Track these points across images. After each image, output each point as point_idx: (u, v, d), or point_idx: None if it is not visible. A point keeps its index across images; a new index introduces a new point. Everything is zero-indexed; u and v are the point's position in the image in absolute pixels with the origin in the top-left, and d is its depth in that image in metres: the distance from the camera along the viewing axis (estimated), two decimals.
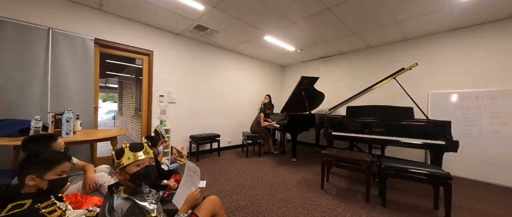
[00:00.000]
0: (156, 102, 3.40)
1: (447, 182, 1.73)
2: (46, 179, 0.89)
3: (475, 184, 2.75)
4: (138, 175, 0.97)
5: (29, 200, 0.81)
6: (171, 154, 3.44)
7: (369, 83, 3.51)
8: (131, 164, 0.96)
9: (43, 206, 0.85)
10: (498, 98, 2.78)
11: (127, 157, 0.96)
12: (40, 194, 0.88)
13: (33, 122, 1.74)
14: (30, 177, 0.85)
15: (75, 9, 2.59)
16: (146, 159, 1.02)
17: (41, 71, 2.32)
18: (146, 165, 1.01)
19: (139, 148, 1.01)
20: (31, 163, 0.89)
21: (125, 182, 0.97)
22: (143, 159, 1.00)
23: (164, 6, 2.66)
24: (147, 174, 1.00)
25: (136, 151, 0.99)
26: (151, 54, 3.33)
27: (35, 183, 0.86)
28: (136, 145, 1.03)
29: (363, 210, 1.93)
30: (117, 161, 0.97)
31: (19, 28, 2.19)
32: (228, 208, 1.91)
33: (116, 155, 0.98)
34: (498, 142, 2.75)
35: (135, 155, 0.98)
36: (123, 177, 0.96)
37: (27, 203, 0.80)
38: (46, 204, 0.86)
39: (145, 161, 1.02)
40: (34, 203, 0.82)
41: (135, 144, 1.04)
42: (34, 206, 0.82)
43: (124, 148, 0.99)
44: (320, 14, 2.74)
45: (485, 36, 2.91)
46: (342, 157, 2.30)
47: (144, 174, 0.99)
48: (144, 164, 1.01)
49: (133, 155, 0.98)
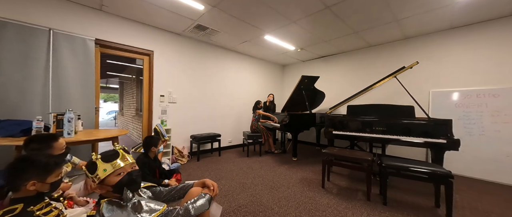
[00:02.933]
0: (157, 102, 3.41)
1: (448, 180, 1.72)
2: (48, 182, 0.89)
3: (476, 182, 2.75)
4: (122, 184, 0.91)
5: (20, 205, 0.81)
6: (172, 153, 3.45)
7: (370, 82, 3.51)
8: (110, 175, 0.89)
9: (37, 208, 0.84)
10: (499, 96, 2.77)
11: (103, 169, 0.89)
12: (33, 197, 0.86)
13: (35, 122, 1.75)
14: (32, 183, 0.84)
15: (75, 10, 2.59)
16: (126, 166, 0.95)
17: (42, 71, 2.33)
18: (128, 172, 0.95)
19: (114, 156, 0.94)
20: (31, 169, 0.86)
21: (110, 194, 0.91)
22: (122, 167, 0.93)
23: (164, 6, 2.66)
24: (132, 181, 0.94)
25: (111, 160, 0.92)
26: (152, 54, 3.33)
27: (36, 188, 0.85)
28: (109, 153, 0.95)
29: (364, 209, 1.93)
30: (92, 176, 0.89)
31: (20, 29, 2.20)
32: (229, 207, 1.92)
33: (88, 170, 0.90)
34: (500, 141, 2.74)
35: (112, 164, 0.91)
36: (105, 189, 0.90)
37: (18, 208, 0.80)
38: (40, 206, 0.85)
39: (126, 168, 0.95)
40: (26, 207, 0.81)
41: (107, 152, 0.96)
42: (27, 210, 0.81)
43: (95, 161, 0.90)
44: (321, 13, 2.74)
45: (486, 34, 2.90)
46: (343, 156, 2.30)
47: (128, 181, 0.93)
48: (126, 171, 0.94)
49: (110, 165, 0.91)
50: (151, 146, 1.91)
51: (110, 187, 0.90)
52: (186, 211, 0.98)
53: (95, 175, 0.89)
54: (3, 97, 2.12)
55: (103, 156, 0.92)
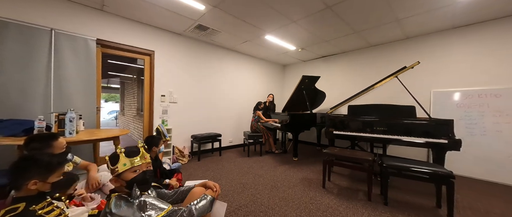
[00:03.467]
0: (158, 102, 3.41)
1: (450, 180, 1.72)
2: (49, 182, 0.89)
3: (478, 183, 2.74)
4: (136, 181, 0.93)
5: (22, 204, 0.81)
6: (173, 153, 3.46)
7: (371, 81, 3.49)
8: (127, 170, 0.92)
9: (39, 207, 0.84)
10: (501, 96, 2.75)
11: (123, 163, 0.91)
12: (34, 197, 0.86)
13: (37, 122, 1.76)
14: (33, 182, 0.84)
15: (77, 10, 2.61)
16: (143, 165, 0.97)
17: (44, 71, 2.34)
18: (143, 170, 0.96)
19: (136, 153, 0.96)
20: (33, 168, 0.86)
21: (122, 189, 0.93)
22: (140, 165, 0.95)
23: (165, 6, 2.67)
24: (145, 180, 0.96)
25: (132, 156, 0.94)
26: (153, 54, 3.34)
27: (37, 187, 0.86)
28: (132, 149, 0.97)
29: (365, 209, 1.93)
30: (112, 167, 0.92)
31: (22, 29, 2.21)
32: (230, 207, 1.92)
33: (111, 161, 0.93)
34: (502, 141, 2.72)
35: (131, 161, 0.93)
36: (119, 183, 0.92)
37: (20, 207, 0.80)
38: (42, 205, 0.85)
39: (142, 166, 0.97)
40: (28, 206, 0.81)
41: (131, 148, 0.98)
42: (29, 209, 0.81)
43: (118, 154, 0.93)
44: (321, 13, 2.73)
45: (488, 33, 2.88)
46: (343, 156, 2.29)
47: (142, 180, 0.94)
48: (141, 170, 0.96)
49: (129, 161, 0.93)
50: (152, 146, 1.92)
51: (124, 182, 0.92)
52: (190, 213, 0.98)
53: (115, 168, 0.91)
54: (5, 97, 2.13)
55: (127, 151, 0.95)
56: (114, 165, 0.92)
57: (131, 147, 1.00)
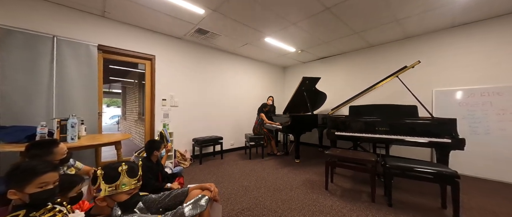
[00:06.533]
0: (159, 106, 3.43)
1: (455, 180, 1.69)
2: (27, 192, 0.81)
3: (483, 182, 2.70)
4: (128, 204, 0.92)
5: (22, 211, 0.79)
6: (175, 157, 3.46)
7: (371, 82, 3.48)
8: (122, 192, 0.90)
9: (40, 213, 0.82)
10: (504, 94, 2.73)
11: (122, 184, 0.89)
12: (33, 203, 0.83)
13: (39, 128, 1.77)
14: (12, 192, 0.80)
15: (78, 17, 2.64)
16: (128, 191, 0.94)
17: (46, 77, 2.37)
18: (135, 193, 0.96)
19: (115, 179, 0.90)
20: (10, 176, 0.81)
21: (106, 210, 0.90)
22: (134, 187, 0.94)
23: (165, 11, 2.69)
24: (136, 202, 0.97)
25: (111, 183, 0.89)
26: (153, 58, 3.37)
27: (18, 197, 0.81)
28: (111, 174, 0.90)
29: (369, 211, 1.90)
30: (111, 185, 0.87)
31: (26, 37, 2.25)
32: (232, 210, 1.91)
33: (109, 179, 0.88)
34: (506, 139, 2.69)
35: (129, 181, 0.92)
36: (106, 203, 0.89)
37: (20, 214, 0.78)
38: (42, 211, 0.84)
39: (136, 188, 0.97)
40: (28, 213, 0.80)
41: (131, 166, 0.94)
42: (29, 215, 0.80)
43: (120, 171, 0.89)
44: (320, 15, 2.74)
45: (488, 31, 2.87)
46: (346, 157, 2.27)
47: (135, 203, 0.96)
48: (134, 192, 0.95)
49: (127, 181, 0.91)
50: (154, 149, 1.91)
51: (113, 203, 0.91)
52: (179, 214, 0.99)
53: (98, 189, 0.89)
54: (9, 103, 2.15)
55: (106, 176, 0.90)
56: (113, 182, 0.89)
57: (129, 163, 0.97)
